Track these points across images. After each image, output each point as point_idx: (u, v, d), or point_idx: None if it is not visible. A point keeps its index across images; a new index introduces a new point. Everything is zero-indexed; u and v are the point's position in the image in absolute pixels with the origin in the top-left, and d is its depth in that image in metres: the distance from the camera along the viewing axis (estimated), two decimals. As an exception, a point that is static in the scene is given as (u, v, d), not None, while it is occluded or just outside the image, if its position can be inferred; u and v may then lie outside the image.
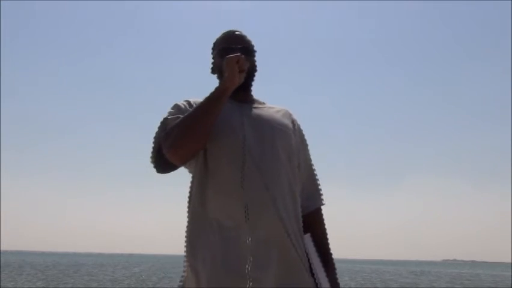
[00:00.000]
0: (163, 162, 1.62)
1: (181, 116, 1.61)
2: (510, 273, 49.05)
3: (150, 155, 1.66)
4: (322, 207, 1.79)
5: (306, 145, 1.82)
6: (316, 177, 1.81)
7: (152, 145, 1.65)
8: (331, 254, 1.73)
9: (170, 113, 1.68)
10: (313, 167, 1.82)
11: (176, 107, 1.71)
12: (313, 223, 1.73)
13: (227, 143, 1.60)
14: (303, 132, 1.82)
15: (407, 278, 32.99)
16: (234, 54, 1.57)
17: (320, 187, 1.81)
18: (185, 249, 1.64)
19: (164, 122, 1.66)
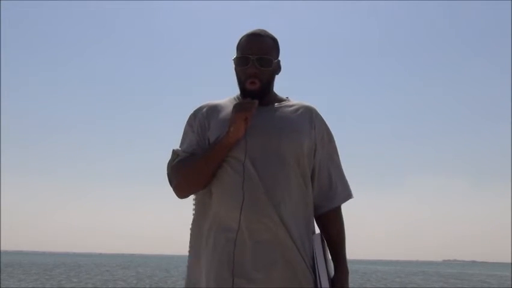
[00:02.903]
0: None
1: (190, 144, 1.72)
2: (506, 273, 49.28)
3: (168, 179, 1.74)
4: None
5: (330, 144, 1.77)
6: (338, 177, 1.76)
7: (167, 172, 1.74)
8: (343, 256, 1.70)
9: (183, 134, 1.77)
10: (337, 165, 1.78)
11: (187, 126, 1.78)
12: (327, 223, 1.72)
13: (233, 148, 1.63)
14: (329, 131, 1.77)
15: (400, 278, 33.30)
16: (243, 112, 1.59)
17: (341, 187, 1.76)
18: (189, 249, 1.72)
19: (174, 155, 1.73)
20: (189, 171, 1.66)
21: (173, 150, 1.73)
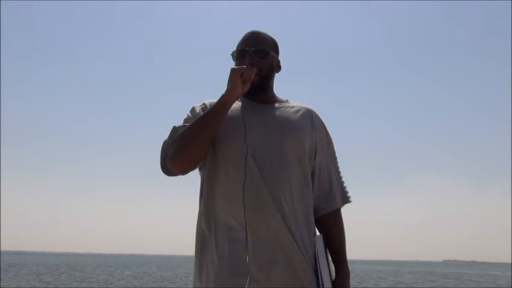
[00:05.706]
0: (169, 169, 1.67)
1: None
2: (506, 273, 49.34)
3: (160, 160, 1.70)
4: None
5: (329, 146, 1.79)
6: (337, 179, 1.78)
7: (160, 151, 1.69)
8: (344, 258, 1.70)
9: (184, 120, 1.73)
10: (336, 168, 1.80)
11: (189, 113, 1.75)
12: (328, 225, 1.73)
13: (233, 145, 1.62)
14: (328, 133, 1.79)
15: (399, 278, 33.36)
16: (238, 67, 1.61)
17: (340, 189, 1.78)
18: (195, 248, 1.69)
19: (173, 131, 1.69)
20: (188, 133, 1.60)
21: (174, 126, 1.71)
